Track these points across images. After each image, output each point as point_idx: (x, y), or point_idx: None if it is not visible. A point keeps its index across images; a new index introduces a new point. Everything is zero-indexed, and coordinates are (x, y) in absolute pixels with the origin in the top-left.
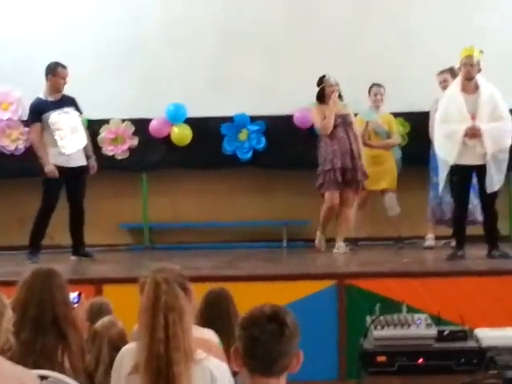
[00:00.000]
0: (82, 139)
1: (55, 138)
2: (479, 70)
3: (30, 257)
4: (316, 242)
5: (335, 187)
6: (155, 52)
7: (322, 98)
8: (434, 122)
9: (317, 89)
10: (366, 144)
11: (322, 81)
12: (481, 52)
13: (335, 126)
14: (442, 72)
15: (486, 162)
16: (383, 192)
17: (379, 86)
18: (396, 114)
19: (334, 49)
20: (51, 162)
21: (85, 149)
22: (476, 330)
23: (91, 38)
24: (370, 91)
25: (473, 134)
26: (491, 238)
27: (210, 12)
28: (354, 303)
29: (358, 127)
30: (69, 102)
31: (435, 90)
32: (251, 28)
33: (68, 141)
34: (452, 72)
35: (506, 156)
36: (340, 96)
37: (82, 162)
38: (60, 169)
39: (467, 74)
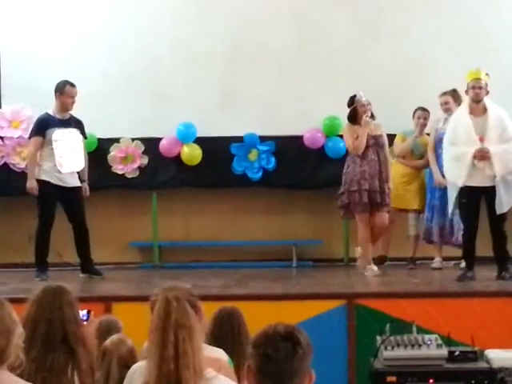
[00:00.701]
0: (79, 162)
1: (54, 154)
2: (487, 93)
3: (39, 274)
4: (357, 262)
5: (362, 209)
6: (166, 71)
7: (354, 118)
8: (433, 142)
9: (346, 109)
10: (402, 161)
11: (353, 101)
12: (487, 75)
13: (367, 147)
14: (443, 94)
15: (495, 183)
16: (409, 211)
17: (424, 109)
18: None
19: (343, 69)
20: (44, 178)
21: (81, 172)
22: (486, 350)
23: (102, 56)
24: (414, 114)
25: (481, 156)
26: (501, 259)
27: (221, 31)
28: (363, 323)
29: (398, 143)
30: (75, 123)
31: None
32: (261, 48)
33: (65, 160)
34: (454, 94)
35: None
36: (372, 115)
37: (75, 183)
38: (53, 186)
39: (476, 96)
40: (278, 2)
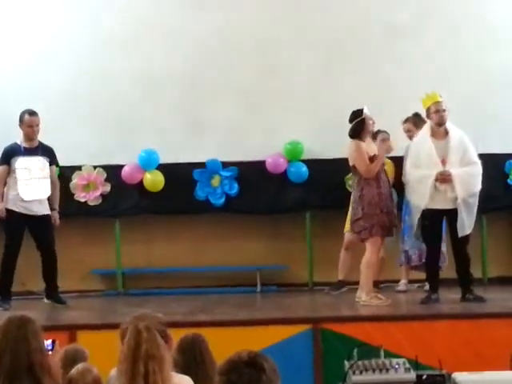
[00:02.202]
0: (45, 190)
1: (17, 182)
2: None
3: (1, 304)
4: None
5: (386, 232)
6: (128, 98)
7: (360, 132)
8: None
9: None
10: None
11: (358, 115)
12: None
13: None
14: (405, 121)
15: (457, 206)
16: None
17: (385, 132)
18: None
19: (304, 95)
20: (10, 206)
21: (50, 200)
22: (454, 374)
23: (64, 85)
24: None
25: (443, 178)
26: (464, 281)
27: (183, 59)
28: (330, 347)
29: None
30: (44, 151)
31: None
32: (223, 75)
33: (30, 188)
34: (415, 120)
35: (476, 200)
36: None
37: (43, 211)
38: (19, 215)
39: (441, 119)
40: (241, 30)
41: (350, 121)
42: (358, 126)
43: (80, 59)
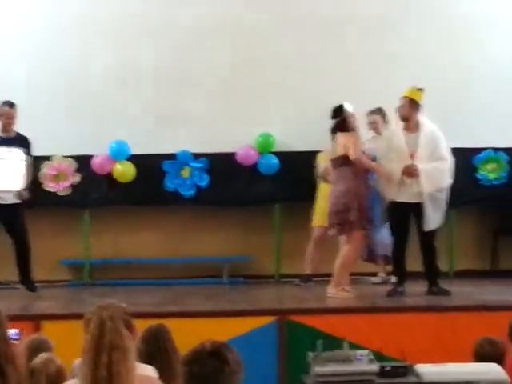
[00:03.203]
0: (15, 182)
1: None
2: (418, 109)
3: None
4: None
5: (369, 226)
6: (98, 89)
7: (345, 127)
8: None
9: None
10: (326, 180)
11: (340, 111)
12: (419, 90)
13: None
14: (371, 113)
15: (423, 200)
16: None
17: None
18: None
19: (276, 88)
20: None
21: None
22: (416, 365)
23: (34, 75)
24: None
25: (409, 173)
26: (430, 274)
27: (153, 51)
28: (295, 339)
29: (321, 163)
30: (19, 141)
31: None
32: (194, 67)
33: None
34: (382, 113)
35: (444, 195)
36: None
37: (13, 200)
38: None
39: (399, 114)
40: (214, 20)
41: (332, 117)
42: (340, 123)
43: (50, 50)
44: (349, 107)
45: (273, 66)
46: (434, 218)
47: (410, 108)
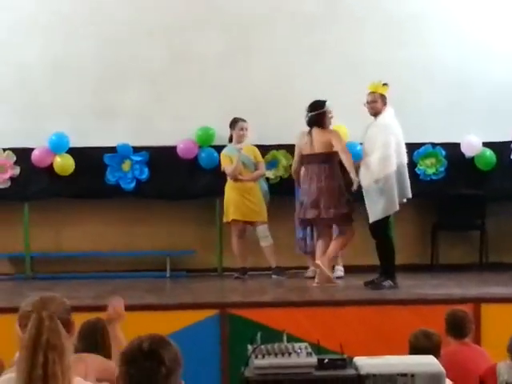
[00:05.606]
0: None
1: None
2: (384, 103)
3: None
4: (334, 275)
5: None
6: (37, 81)
7: (321, 122)
8: (299, 157)
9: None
10: (237, 179)
11: (322, 105)
12: (384, 85)
13: None
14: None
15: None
16: (254, 224)
17: (244, 120)
18: (279, 146)
19: (215, 82)
20: None
21: None
22: (355, 358)
23: None
24: (235, 126)
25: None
26: (380, 266)
27: (93, 43)
28: (236, 332)
29: (228, 164)
30: None
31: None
32: (133, 60)
33: None
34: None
35: (380, 186)
36: None
37: None
38: None
39: (371, 109)
40: (151, 16)
41: (310, 111)
42: (318, 117)
43: None
44: (329, 104)
45: (213, 60)
46: (374, 210)
47: (382, 103)
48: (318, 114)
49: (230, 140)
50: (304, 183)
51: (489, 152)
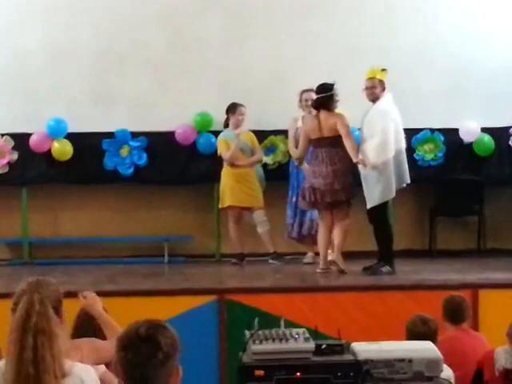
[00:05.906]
0: None
1: None
2: (382, 89)
3: None
4: (340, 264)
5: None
6: (36, 66)
7: (328, 105)
8: (294, 142)
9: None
10: (233, 165)
11: (330, 88)
12: (383, 70)
13: None
14: (306, 91)
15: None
16: (251, 210)
17: (243, 106)
18: (277, 132)
19: (214, 67)
20: None
21: None
22: (352, 343)
23: None
24: (234, 111)
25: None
26: (378, 252)
27: (92, 28)
28: (234, 318)
29: (225, 149)
30: None
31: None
32: (132, 46)
33: None
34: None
35: (375, 172)
36: None
37: None
38: None
39: (370, 95)
40: (150, 1)
41: (317, 93)
42: (325, 99)
43: None
44: (337, 87)
45: (212, 45)
46: (371, 196)
47: (381, 88)
48: (325, 97)
49: (226, 125)
50: (314, 166)
51: (487, 137)
